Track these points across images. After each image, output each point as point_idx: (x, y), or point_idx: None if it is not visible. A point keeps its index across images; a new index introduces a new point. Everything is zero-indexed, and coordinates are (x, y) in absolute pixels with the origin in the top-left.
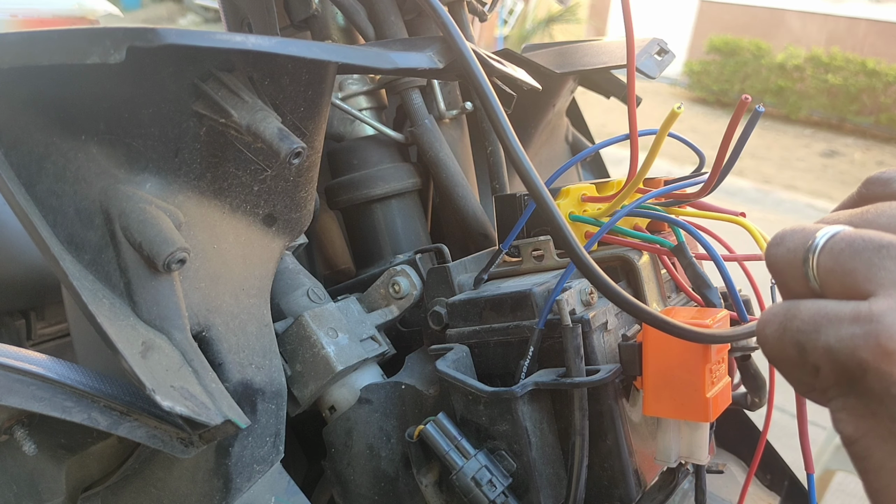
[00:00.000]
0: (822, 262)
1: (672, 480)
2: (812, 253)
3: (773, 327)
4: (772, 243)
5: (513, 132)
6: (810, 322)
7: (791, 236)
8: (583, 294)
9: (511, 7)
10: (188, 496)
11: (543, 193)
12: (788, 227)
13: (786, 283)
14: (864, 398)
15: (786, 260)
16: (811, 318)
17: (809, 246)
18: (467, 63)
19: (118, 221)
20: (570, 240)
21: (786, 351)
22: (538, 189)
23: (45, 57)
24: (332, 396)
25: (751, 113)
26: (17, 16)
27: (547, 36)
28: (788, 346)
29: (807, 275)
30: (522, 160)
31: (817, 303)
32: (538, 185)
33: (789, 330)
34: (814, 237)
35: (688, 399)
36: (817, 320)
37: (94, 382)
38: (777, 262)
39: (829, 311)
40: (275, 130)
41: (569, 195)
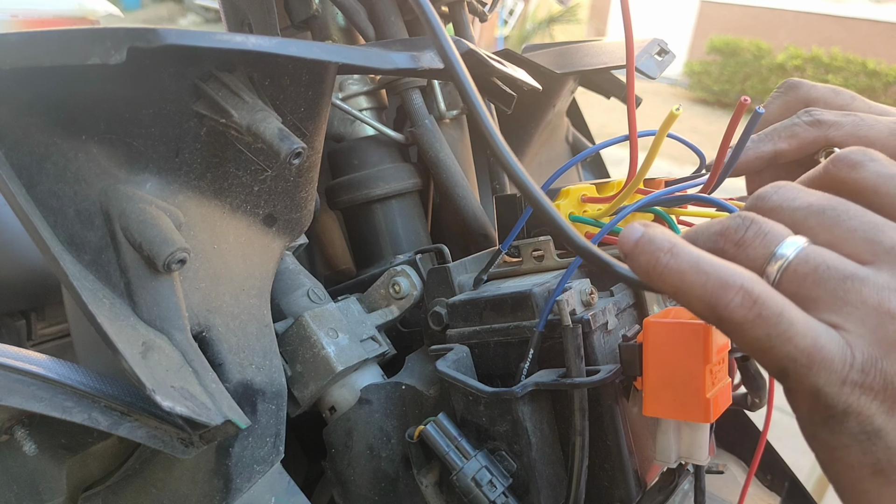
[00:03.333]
0: (784, 284)
1: (672, 481)
2: (774, 268)
3: (757, 333)
4: (728, 240)
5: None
6: (805, 355)
7: (752, 243)
8: (583, 294)
9: (511, 7)
10: (188, 496)
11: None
12: (745, 222)
13: None
14: (836, 433)
15: (743, 264)
16: (807, 349)
17: (770, 258)
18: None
19: (118, 222)
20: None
21: (764, 362)
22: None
23: (45, 58)
24: (332, 397)
25: (751, 114)
26: (18, 16)
27: (547, 36)
28: (770, 363)
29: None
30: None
31: (811, 328)
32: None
33: (779, 351)
34: (774, 251)
35: (688, 399)
36: (813, 357)
37: (95, 382)
38: (733, 259)
39: (822, 347)
40: (275, 131)
41: (569, 196)
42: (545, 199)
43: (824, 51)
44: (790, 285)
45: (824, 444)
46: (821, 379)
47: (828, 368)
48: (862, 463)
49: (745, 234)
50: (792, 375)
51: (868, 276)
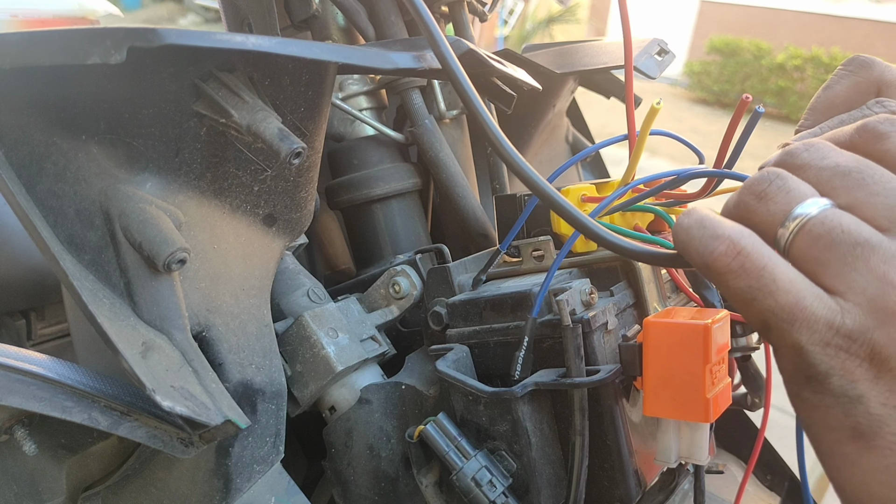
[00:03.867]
0: (797, 243)
1: (672, 481)
2: (789, 227)
3: (739, 284)
4: (752, 192)
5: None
6: (787, 310)
7: (774, 197)
8: (583, 294)
9: (511, 7)
10: (188, 496)
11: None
12: (771, 176)
13: (752, 227)
14: (818, 393)
15: (761, 221)
16: (789, 306)
17: (788, 218)
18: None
19: (118, 221)
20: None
21: (747, 315)
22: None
23: (45, 57)
24: (332, 397)
25: (751, 113)
26: (18, 16)
27: (547, 36)
28: (753, 316)
29: (778, 241)
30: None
31: (796, 284)
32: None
33: (760, 304)
34: (794, 210)
35: (688, 399)
36: (795, 314)
37: (95, 382)
38: (751, 217)
39: (807, 306)
40: (275, 130)
41: (569, 195)
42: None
43: (824, 51)
44: (803, 245)
45: (806, 403)
46: (803, 336)
47: (811, 327)
48: (843, 425)
49: (767, 188)
50: (774, 329)
51: (880, 244)
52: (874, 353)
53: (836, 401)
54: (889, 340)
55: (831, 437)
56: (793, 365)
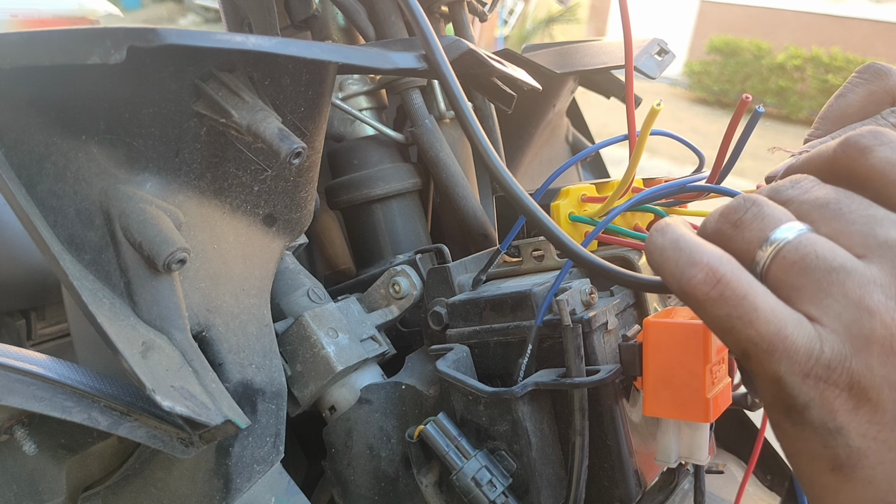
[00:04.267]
0: (773, 269)
1: (672, 481)
2: (765, 253)
3: (719, 312)
4: (728, 220)
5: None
6: (767, 340)
7: (750, 224)
8: (583, 294)
9: (511, 7)
10: (188, 496)
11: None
12: (747, 203)
13: (730, 252)
14: (798, 425)
15: (737, 247)
16: (769, 336)
17: (764, 243)
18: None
19: (118, 221)
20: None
21: (727, 343)
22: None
23: (45, 57)
24: (332, 396)
25: (751, 113)
26: (18, 16)
27: (547, 36)
28: (732, 344)
29: (754, 268)
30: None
31: (776, 313)
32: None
33: (739, 334)
34: (769, 235)
35: (688, 399)
36: (775, 343)
37: (95, 382)
38: (728, 244)
39: (788, 335)
40: (275, 130)
41: (568, 195)
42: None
43: (824, 51)
44: (778, 271)
45: (786, 434)
46: (782, 367)
47: (790, 358)
48: (822, 457)
49: (743, 216)
50: (753, 359)
51: (855, 269)
52: (853, 382)
53: (815, 432)
54: (866, 369)
55: (812, 467)
56: (772, 395)
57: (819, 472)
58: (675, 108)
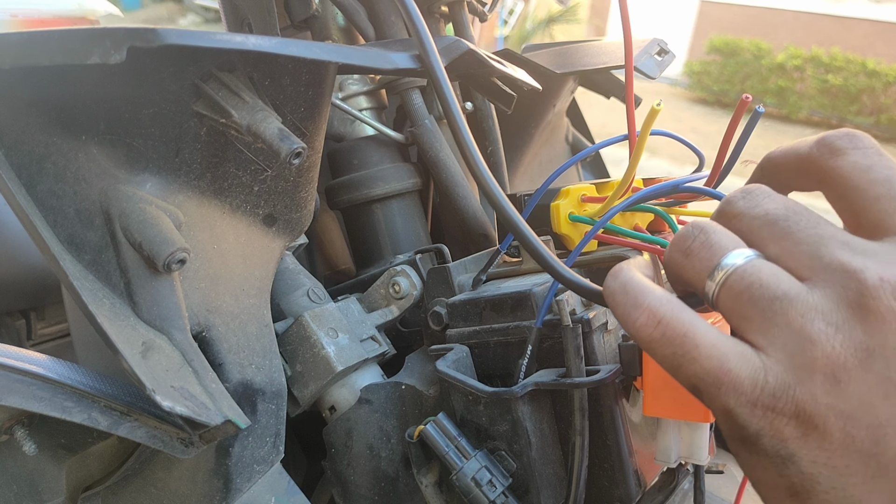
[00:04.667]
0: (721, 298)
1: (672, 481)
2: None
3: (665, 351)
4: (678, 248)
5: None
6: (712, 375)
7: (699, 252)
8: None
9: (511, 7)
10: (188, 496)
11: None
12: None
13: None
14: (754, 454)
15: (688, 277)
16: (713, 370)
17: (714, 270)
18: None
19: (118, 221)
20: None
21: (678, 378)
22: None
23: (45, 57)
24: (332, 396)
25: (751, 113)
26: (17, 16)
27: (547, 36)
28: (682, 380)
29: (706, 297)
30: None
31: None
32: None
33: (685, 370)
34: (718, 262)
35: (688, 399)
36: (719, 376)
37: (94, 382)
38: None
39: (731, 369)
40: (275, 131)
41: (568, 196)
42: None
43: (824, 51)
44: (727, 300)
45: (746, 463)
46: (731, 399)
47: (736, 390)
48: (779, 485)
49: (692, 244)
50: (704, 393)
51: (798, 297)
52: (798, 410)
53: (769, 461)
54: (811, 398)
55: (772, 495)
56: (726, 427)
57: (778, 499)
58: (675, 108)
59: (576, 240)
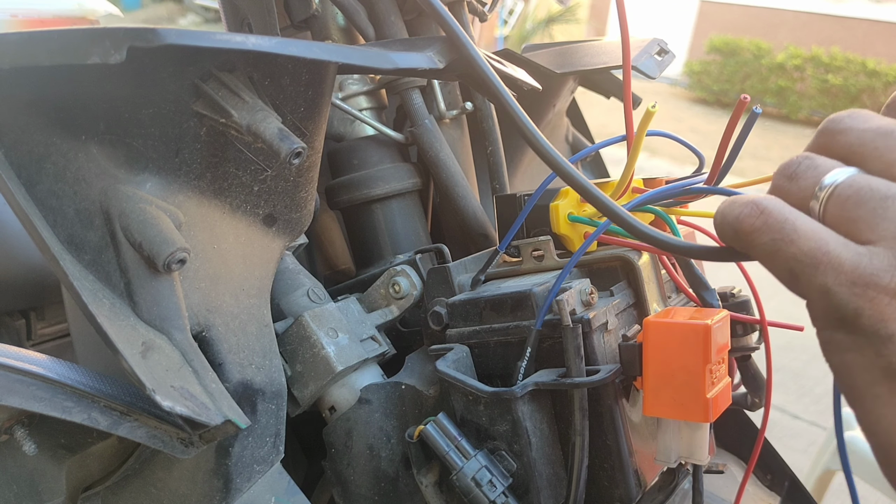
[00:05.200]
0: (829, 208)
1: (672, 480)
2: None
3: (763, 238)
4: (783, 174)
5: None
6: (809, 256)
7: (804, 174)
8: (583, 294)
9: (511, 7)
10: (188, 496)
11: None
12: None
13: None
14: (851, 334)
15: (795, 198)
16: (811, 251)
17: (817, 189)
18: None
19: (118, 221)
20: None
21: (775, 269)
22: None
23: (45, 57)
24: (332, 397)
25: (748, 113)
26: (17, 16)
27: (547, 36)
28: (779, 268)
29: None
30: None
31: (818, 232)
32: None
33: (784, 253)
34: (823, 180)
35: (688, 399)
36: (818, 257)
37: (94, 382)
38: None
39: (831, 250)
40: (275, 130)
41: (568, 196)
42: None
43: (824, 50)
44: (834, 208)
45: (839, 346)
46: (829, 278)
47: (836, 269)
48: (875, 366)
49: (797, 168)
50: (800, 277)
51: None
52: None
53: (867, 341)
54: None
55: (863, 378)
56: (822, 309)
57: (871, 383)
58: (674, 108)
59: (575, 240)
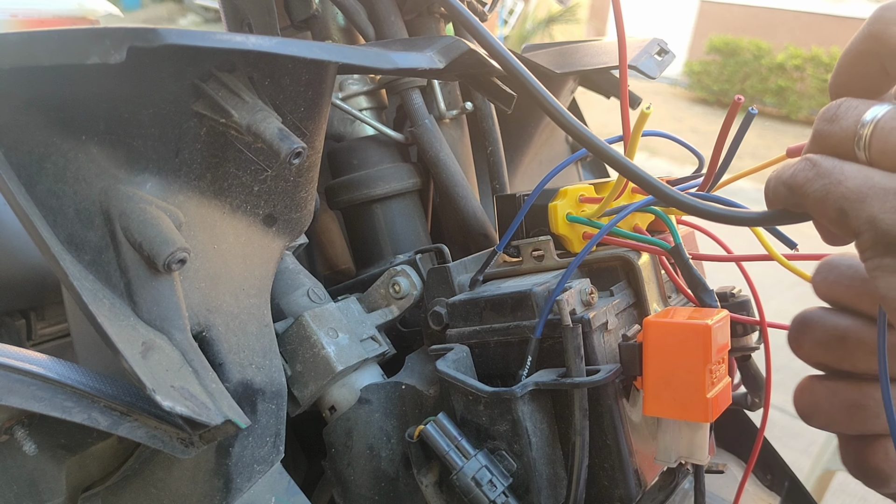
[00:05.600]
0: (873, 142)
1: (672, 480)
2: (863, 134)
3: (815, 186)
4: (824, 118)
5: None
6: (856, 191)
7: (844, 115)
8: (583, 294)
9: (511, 7)
10: (188, 496)
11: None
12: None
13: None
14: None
15: (837, 138)
16: (857, 187)
17: (859, 126)
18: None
19: (118, 221)
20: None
21: (827, 212)
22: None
23: (45, 57)
24: (332, 396)
25: (745, 112)
26: (17, 16)
27: (547, 36)
28: (830, 209)
29: (856, 151)
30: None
31: (863, 171)
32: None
33: (833, 195)
34: (863, 117)
35: (688, 399)
36: (864, 191)
37: (94, 382)
38: (828, 139)
39: (875, 183)
40: (275, 130)
41: (566, 196)
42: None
43: (824, 50)
44: (879, 143)
45: (886, 269)
46: (875, 208)
47: (882, 199)
48: None
49: (837, 110)
50: (850, 213)
51: None
52: None
53: None
54: None
55: None
56: (871, 239)
57: None
58: (674, 108)
59: (573, 240)
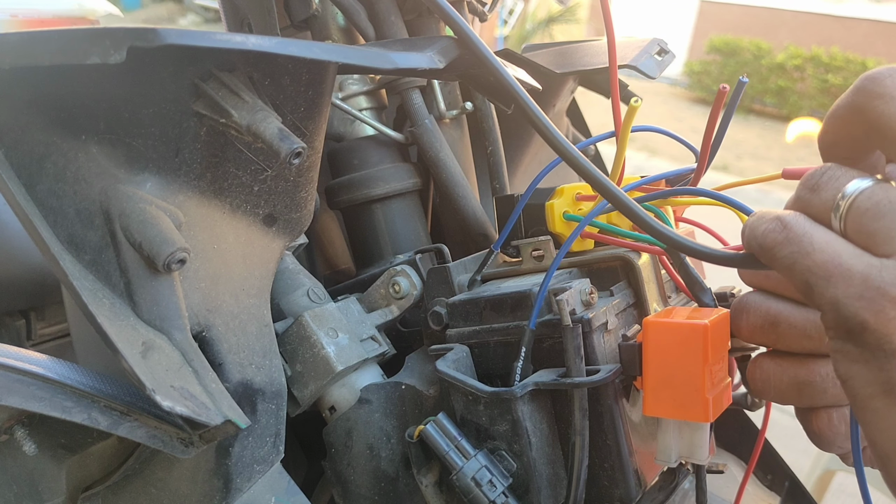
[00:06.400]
0: (849, 220)
1: (672, 480)
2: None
3: (784, 251)
4: (806, 186)
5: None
6: (823, 268)
7: (826, 185)
8: (583, 294)
9: (511, 7)
10: (188, 496)
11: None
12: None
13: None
14: (858, 346)
15: (817, 209)
16: (825, 263)
17: (839, 198)
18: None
19: (118, 221)
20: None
21: (794, 280)
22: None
23: (45, 57)
24: (332, 396)
25: (735, 104)
26: (17, 16)
27: (547, 36)
28: (797, 279)
29: (833, 218)
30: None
31: (833, 245)
32: None
33: (800, 265)
34: (845, 188)
35: (688, 399)
36: (830, 269)
37: (94, 382)
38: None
39: (843, 263)
40: (275, 130)
41: (563, 194)
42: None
43: (824, 50)
44: (854, 221)
45: (846, 356)
46: (839, 290)
47: (846, 281)
48: (876, 380)
49: (819, 178)
50: (814, 288)
51: None
52: None
53: (872, 355)
54: None
55: (865, 391)
56: (833, 320)
57: (871, 396)
58: (675, 108)
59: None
